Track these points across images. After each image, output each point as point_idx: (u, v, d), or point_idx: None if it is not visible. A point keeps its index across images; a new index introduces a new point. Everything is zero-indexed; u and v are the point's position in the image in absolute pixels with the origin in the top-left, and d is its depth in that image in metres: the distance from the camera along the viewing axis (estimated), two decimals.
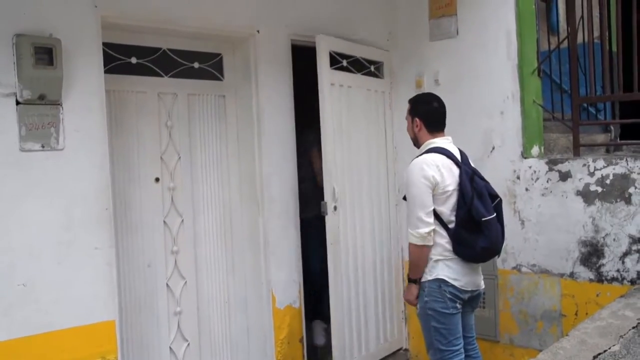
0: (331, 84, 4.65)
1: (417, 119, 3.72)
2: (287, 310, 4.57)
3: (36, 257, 3.30)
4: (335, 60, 4.81)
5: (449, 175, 3.51)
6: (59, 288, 3.37)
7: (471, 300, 3.68)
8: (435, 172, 3.48)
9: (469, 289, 3.59)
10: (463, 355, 3.61)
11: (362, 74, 5.10)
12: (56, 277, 3.36)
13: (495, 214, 3.52)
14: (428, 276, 3.56)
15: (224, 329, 4.52)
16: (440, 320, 3.54)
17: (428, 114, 3.71)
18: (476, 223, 3.44)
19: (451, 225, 3.52)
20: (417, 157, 3.63)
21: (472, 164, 3.73)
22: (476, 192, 3.48)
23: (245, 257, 4.53)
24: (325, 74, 4.59)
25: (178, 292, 4.27)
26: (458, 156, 3.63)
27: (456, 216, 3.50)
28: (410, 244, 3.53)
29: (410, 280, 3.63)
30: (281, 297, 4.53)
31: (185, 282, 4.31)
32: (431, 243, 3.48)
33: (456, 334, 3.57)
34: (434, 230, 3.47)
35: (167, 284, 4.21)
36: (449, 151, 3.60)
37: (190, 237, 4.34)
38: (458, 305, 3.56)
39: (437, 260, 3.54)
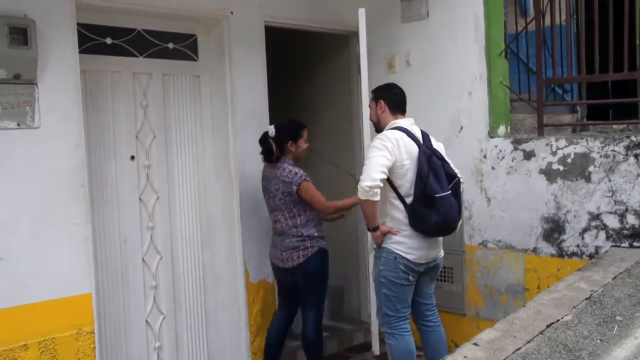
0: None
1: (381, 101, 3.97)
2: (261, 284, 4.70)
3: (13, 233, 3.40)
4: None
5: (405, 152, 3.71)
6: (36, 262, 3.47)
7: (429, 271, 3.92)
8: (393, 145, 3.68)
9: (423, 262, 3.82)
10: (408, 321, 3.88)
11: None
12: (33, 252, 3.47)
13: (450, 192, 3.69)
14: (383, 243, 3.80)
15: (199, 303, 4.64)
16: (392, 288, 3.80)
17: (391, 97, 3.98)
18: (430, 199, 3.64)
19: (409, 200, 3.72)
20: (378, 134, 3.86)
21: (434, 144, 3.90)
22: (432, 170, 3.66)
23: (220, 233, 4.65)
24: (365, 50, 4.64)
25: (154, 266, 4.39)
26: (419, 136, 3.84)
27: (414, 192, 3.71)
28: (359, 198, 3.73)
29: (369, 229, 3.85)
30: (255, 272, 4.66)
31: (161, 257, 4.42)
32: (375, 198, 3.63)
33: (404, 303, 3.84)
34: (378, 187, 3.61)
35: (143, 259, 4.33)
36: (409, 131, 3.82)
37: (165, 213, 4.44)
38: (410, 278, 3.81)
39: None
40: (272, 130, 4.33)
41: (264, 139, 4.36)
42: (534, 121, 4.93)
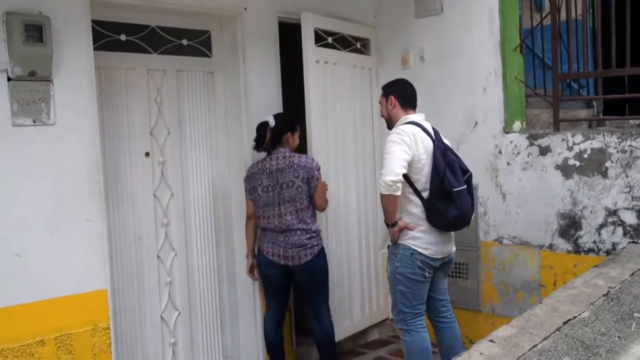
0: (316, 61, 4.75)
1: (391, 97, 3.96)
2: None
3: (29, 229, 3.41)
4: (321, 38, 4.90)
5: (422, 146, 3.72)
6: (51, 258, 3.48)
7: (443, 266, 3.93)
8: (411, 139, 3.68)
9: (439, 257, 3.83)
10: (423, 318, 3.88)
11: (348, 51, 5.20)
12: (49, 248, 3.48)
13: (465, 186, 3.72)
14: (399, 239, 3.80)
15: (214, 299, 4.65)
16: (407, 285, 3.79)
17: (402, 92, 3.97)
18: (448, 193, 3.65)
19: (425, 194, 3.73)
20: (393, 129, 3.86)
21: (445, 140, 3.92)
22: (448, 165, 3.68)
23: (234, 229, 4.65)
24: (310, 51, 4.68)
25: (168, 263, 4.40)
26: (431, 131, 3.84)
27: (430, 187, 3.71)
28: (380, 193, 3.71)
29: (388, 225, 3.82)
30: None
31: (176, 253, 4.43)
32: (397, 193, 3.63)
33: (420, 299, 3.84)
34: (401, 182, 3.62)
35: (157, 255, 4.34)
36: (423, 126, 3.82)
37: (180, 210, 4.45)
38: (426, 274, 3.81)
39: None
40: (271, 120, 4.33)
41: (262, 128, 4.35)
42: (550, 116, 4.90)
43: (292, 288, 4.60)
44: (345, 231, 5.11)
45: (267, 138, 4.31)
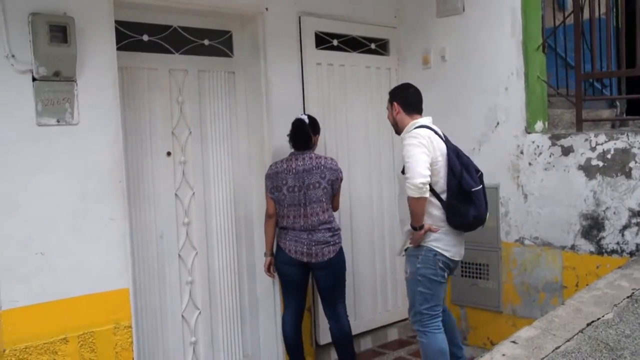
0: (317, 64, 4.84)
1: (395, 104, 3.97)
2: None
3: (53, 228, 3.45)
4: (325, 40, 4.96)
5: (437, 148, 3.74)
6: (74, 257, 3.52)
7: (452, 270, 3.97)
8: (428, 142, 3.70)
9: (457, 259, 3.89)
10: (440, 319, 3.87)
11: (360, 52, 5.23)
12: (72, 247, 3.51)
13: (481, 186, 3.77)
14: (422, 241, 3.79)
15: (234, 298, 4.67)
16: (428, 286, 3.80)
17: (405, 98, 3.97)
18: (466, 193, 3.68)
19: (443, 196, 3.75)
20: (408, 133, 3.82)
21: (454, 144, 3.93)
22: (463, 166, 3.72)
23: (255, 228, 4.66)
24: (309, 54, 4.77)
25: (190, 262, 4.42)
26: (442, 134, 3.85)
27: (448, 188, 3.73)
28: (408, 197, 3.68)
29: (415, 229, 3.77)
30: None
31: (197, 252, 4.45)
32: (426, 195, 3.63)
33: (438, 300, 3.85)
34: (428, 182, 3.61)
35: (179, 254, 4.36)
36: (433, 129, 3.83)
37: (201, 209, 4.47)
38: (446, 275, 3.85)
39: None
40: (306, 118, 4.37)
41: (302, 126, 4.35)
42: (572, 116, 4.87)
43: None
44: (358, 230, 5.20)
45: (311, 136, 4.34)
